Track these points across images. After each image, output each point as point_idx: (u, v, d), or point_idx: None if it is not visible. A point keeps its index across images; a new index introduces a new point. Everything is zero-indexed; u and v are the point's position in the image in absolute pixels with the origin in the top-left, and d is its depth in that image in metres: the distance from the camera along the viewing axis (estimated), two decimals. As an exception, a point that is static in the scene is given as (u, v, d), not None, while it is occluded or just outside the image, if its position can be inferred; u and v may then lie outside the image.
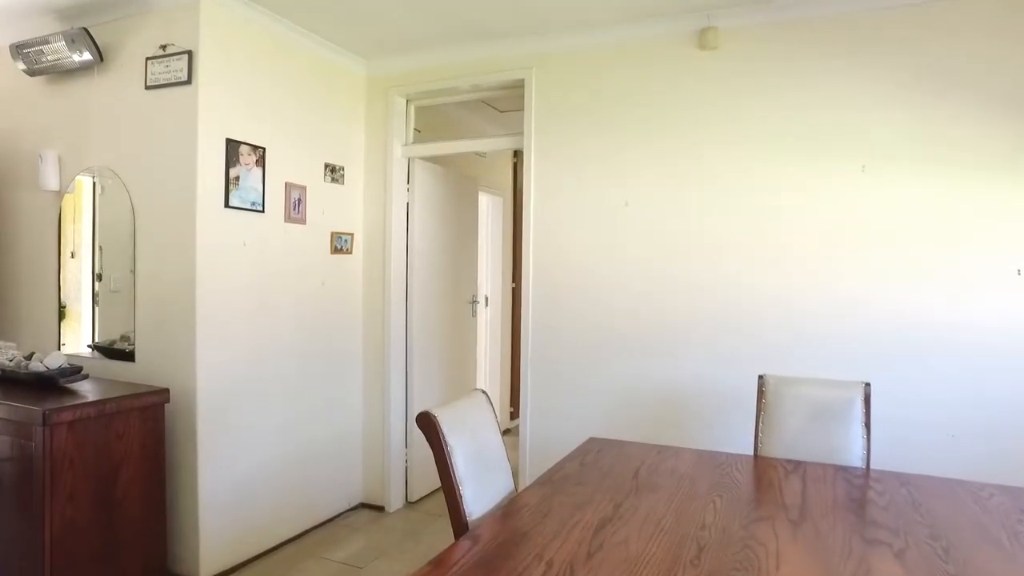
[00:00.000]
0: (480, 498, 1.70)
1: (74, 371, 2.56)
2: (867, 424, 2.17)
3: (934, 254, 2.60)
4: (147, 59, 2.77)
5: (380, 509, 3.65)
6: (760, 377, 2.34)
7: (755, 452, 2.27)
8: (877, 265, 2.67)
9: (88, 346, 3.04)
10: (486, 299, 5.22)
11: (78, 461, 2.29)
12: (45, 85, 3.08)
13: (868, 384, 2.21)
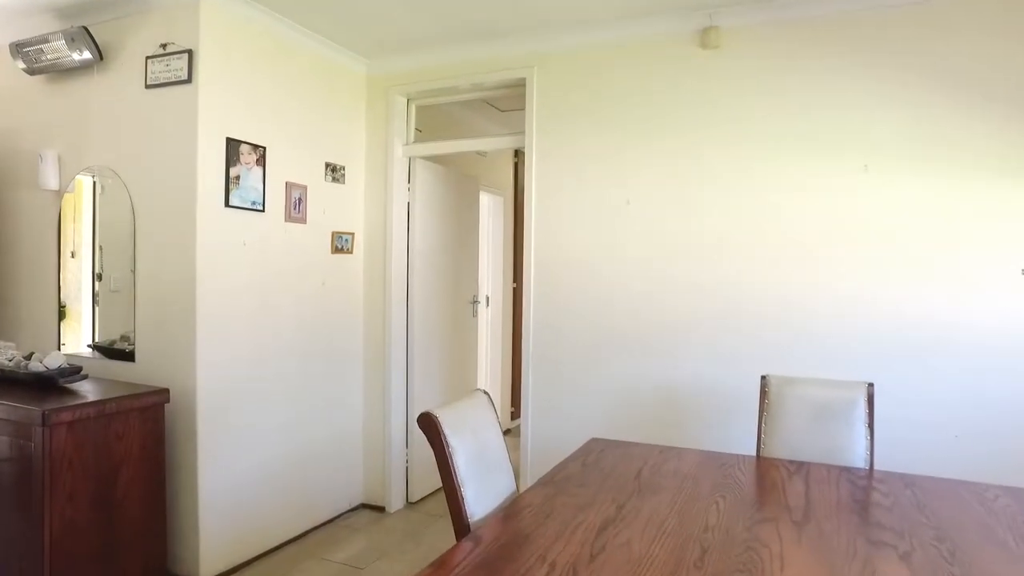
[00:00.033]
0: (482, 499, 1.69)
1: (73, 371, 2.55)
2: (870, 425, 2.16)
3: (935, 254, 2.59)
4: (147, 58, 2.76)
5: (381, 510, 3.64)
6: (763, 377, 2.33)
7: (758, 453, 2.26)
8: (878, 265, 2.66)
9: (88, 346, 3.03)
10: (487, 299, 5.21)
11: (77, 461, 2.28)
12: (45, 84, 3.07)
13: (871, 384, 2.20)
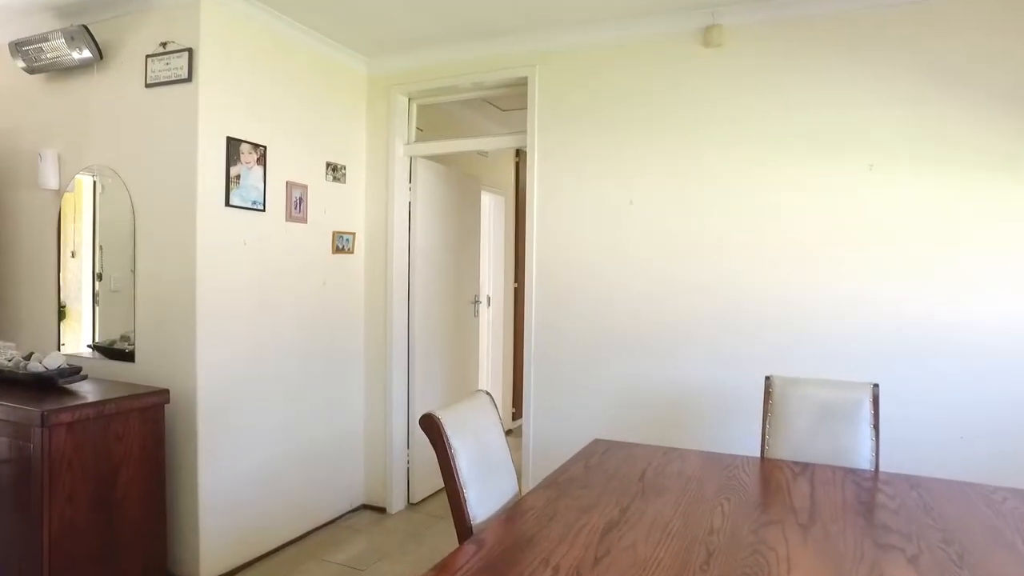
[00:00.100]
0: (484, 501, 1.67)
1: (73, 371, 2.53)
2: (875, 426, 2.14)
3: (936, 253, 2.57)
4: (147, 57, 2.75)
5: (382, 510, 3.63)
6: (767, 378, 2.31)
7: (762, 454, 2.24)
8: (879, 264, 2.64)
9: (88, 346, 3.02)
10: (488, 299, 5.19)
11: (77, 462, 2.27)
12: (44, 83, 3.06)
13: (876, 385, 2.18)
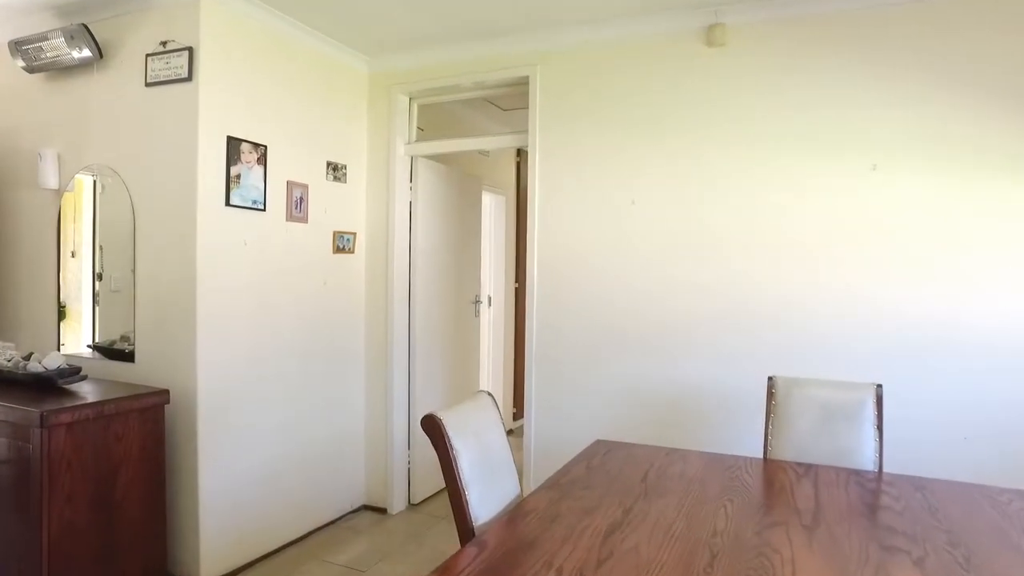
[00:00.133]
0: (486, 502, 1.66)
1: (73, 372, 2.52)
2: (879, 426, 2.13)
3: (937, 253, 2.56)
4: (147, 56, 2.74)
5: (383, 511, 3.62)
6: (770, 378, 2.30)
7: (764, 455, 2.23)
8: (881, 264, 2.63)
9: (88, 346, 3.01)
10: (489, 299, 5.18)
11: (76, 463, 2.26)
12: (44, 82, 3.05)
13: (880, 385, 2.17)
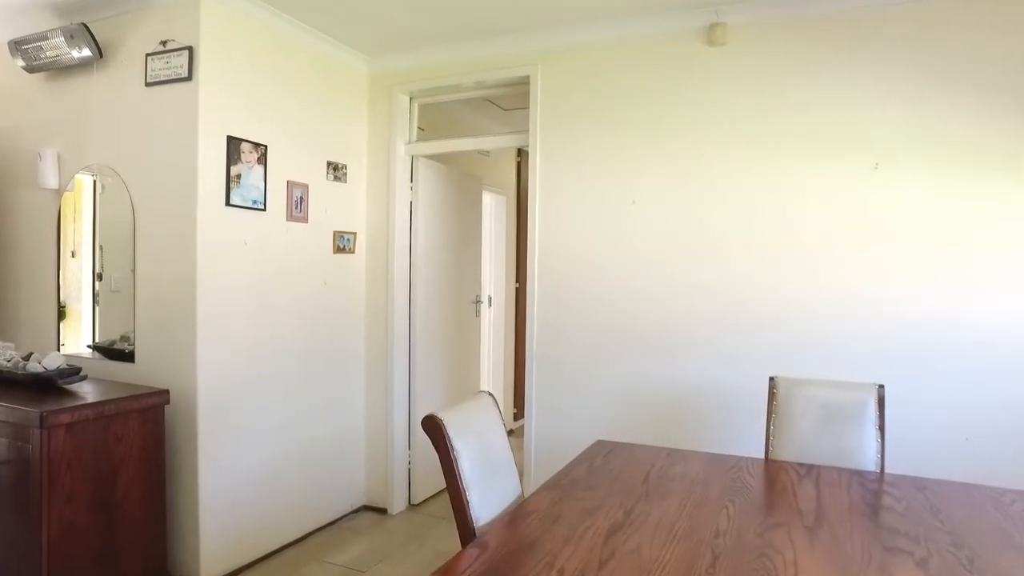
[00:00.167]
0: (487, 503, 1.66)
1: (72, 372, 2.52)
2: (881, 427, 2.12)
3: (938, 253, 2.55)
4: (147, 55, 2.73)
5: (383, 511, 3.61)
6: (771, 379, 2.29)
7: (766, 455, 2.22)
8: (880, 264, 2.63)
9: (88, 346, 3.00)
10: (489, 299, 5.18)
11: (76, 463, 2.25)
12: (44, 82, 3.04)
13: (882, 386, 2.16)
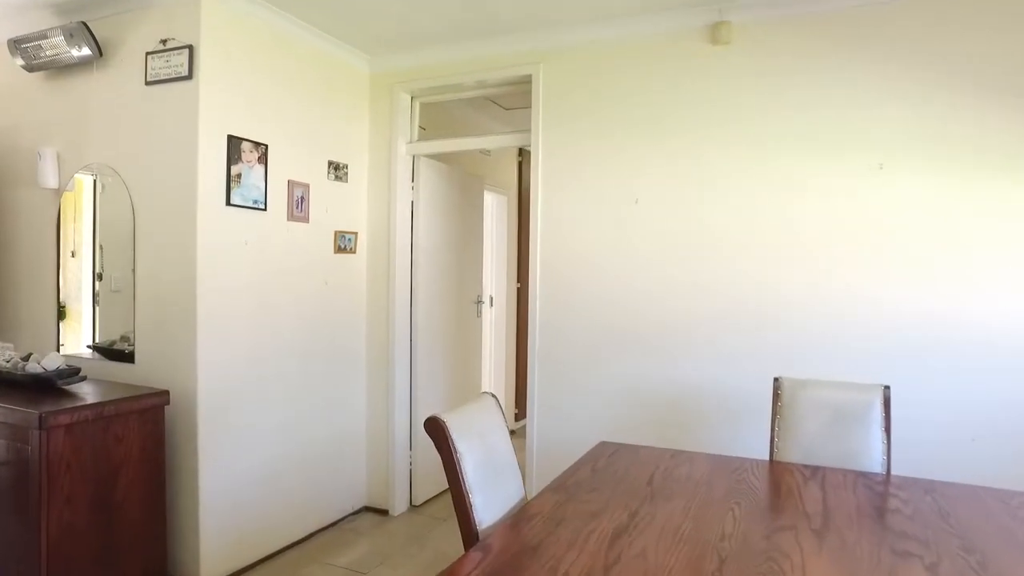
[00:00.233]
0: (490, 506, 1.64)
1: (72, 373, 2.50)
2: (887, 428, 2.10)
3: (938, 253, 2.53)
4: (147, 54, 2.72)
5: (384, 513, 3.60)
6: (775, 379, 2.27)
7: (770, 457, 2.20)
8: (881, 264, 2.61)
9: (88, 347, 2.98)
10: (491, 299, 5.16)
11: (75, 465, 2.24)
12: (44, 81, 3.03)
13: (887, 387, 2.14)
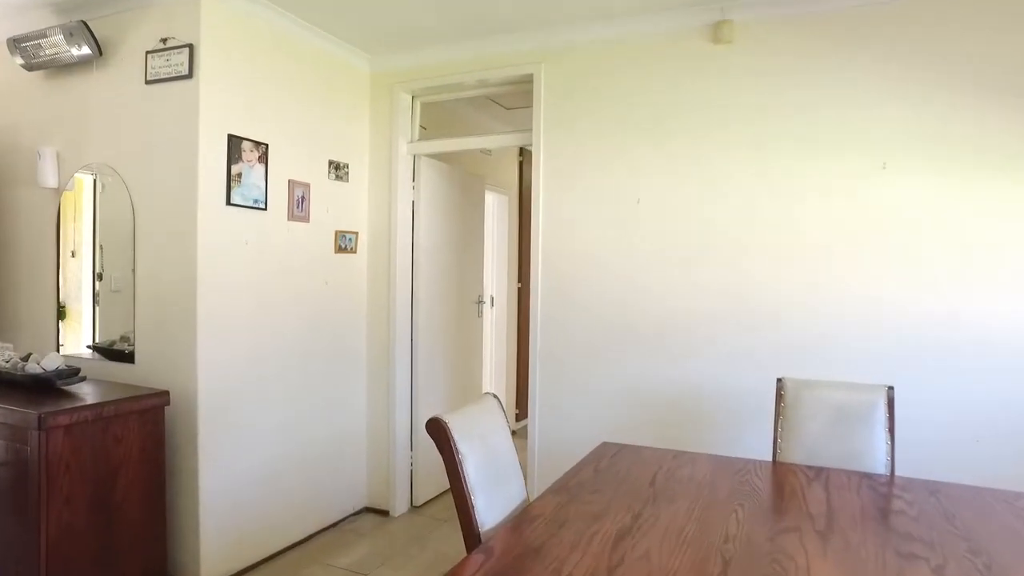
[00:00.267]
0: (493, 507, 1.63)
1: (71, 373, 2.49)
2: (891, 429, 2.09)
3: (938, 253, 2.52)
4: (147, 53, 2.71)
5: (385, 513, 3.58)
6: (779, 380, 2.26)
7: (774, 458, 2.19)
8: (882, 264, 2.59)
9: (88, 347, 2.97)
10: (492, 299, 5.15)
11: (75, 465, 2.23)
12: (43, 80, 3.02)
13: (891, 387, 2.13)
